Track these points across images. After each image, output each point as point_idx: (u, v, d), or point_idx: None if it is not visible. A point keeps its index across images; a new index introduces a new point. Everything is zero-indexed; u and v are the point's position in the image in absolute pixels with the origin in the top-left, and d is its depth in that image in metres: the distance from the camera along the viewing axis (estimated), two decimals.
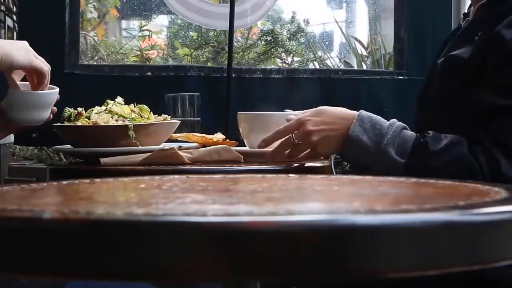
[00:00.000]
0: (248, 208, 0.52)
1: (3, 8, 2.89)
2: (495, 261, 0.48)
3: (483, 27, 1.17)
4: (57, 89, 1.26)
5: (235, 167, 1.28)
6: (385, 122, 1.16)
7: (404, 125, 1.16)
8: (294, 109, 1.36)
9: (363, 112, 1.18)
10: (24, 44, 1.20)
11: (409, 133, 1.14)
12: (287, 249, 0.41)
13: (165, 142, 1.45)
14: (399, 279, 0.46)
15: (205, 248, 0.41)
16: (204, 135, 1.50)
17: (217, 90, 2.12)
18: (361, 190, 0.70)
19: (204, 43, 2.89)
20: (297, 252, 0.42)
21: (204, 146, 1.44)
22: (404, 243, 0.43)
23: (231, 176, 0.85)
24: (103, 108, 1.42)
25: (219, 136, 1.50)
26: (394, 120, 1.17)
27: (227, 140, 1.46)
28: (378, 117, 1.18)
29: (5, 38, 2.90)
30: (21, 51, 1.17)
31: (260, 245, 0.41)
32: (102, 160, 1.30)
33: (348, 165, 2.54)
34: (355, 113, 1.18)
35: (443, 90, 1.24)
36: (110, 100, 1.44)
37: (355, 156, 1.18)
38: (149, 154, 1.30)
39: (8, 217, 0.47)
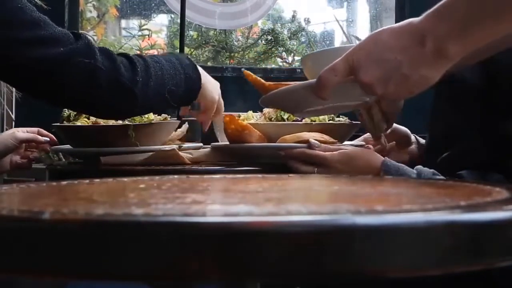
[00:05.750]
0: (248, 208, 0.52)
1: None
2: (496, 262, 0.48)
3: None
4: None
5: (235, 167, 1.28)
6: (412, 172, 1.15)
7: (433, 170, 1.15)
8: None
9: (386, 161, 1.19)
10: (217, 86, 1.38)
11: (440, 178, 1.12)
12: (287, 249, 0.41)
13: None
14: (399, 279, 0.46)
15: (205, 248, 0.41)
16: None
17: None
18: (362, 190, 0.70)
19: (204, 42, 2.89)
20: (297, 252, 0.41)
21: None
22: (405, 243, 0.43)
23: (231, 176, 0.85)
24: None
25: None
26: (420, 167, 1.17)
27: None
28: (403, 166, 1.18)
29: None
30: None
31: (260, 245, 0.41)
32: (103, 158, 1.30)
33: None
34: (378, 162, 1.19)
35: (449, 111, 1.23)
36: None
37: None
38: (150, 154, 1.30)
39: (7, 217, 0.47)
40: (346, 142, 1.39)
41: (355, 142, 1.44)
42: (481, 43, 0.77)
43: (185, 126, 1.53)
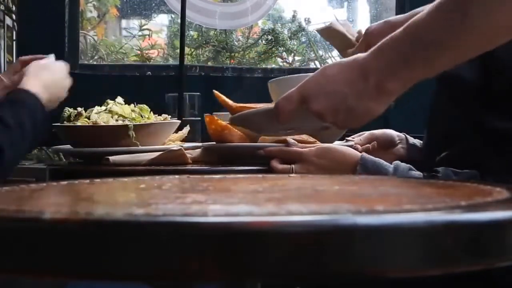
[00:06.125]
0: (248, 208, 0.52)
1: (2, 7, 2.89)
2: (497, 262, 0.48)
3: None
4: None
5: (235, 167, 1.28)
6: (389, 166, 1.16)
7: (410, 166, 1.16)
8: None
9: (364, 155, 1.20)
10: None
11: (416, 173, 1.14)
12: (287, 249, 0.41)
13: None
14: (399, 279, 0.46)
15: (205, 248, 0.41)
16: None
17: (218, 89, 2.11)
18: (362, 190, 0.70)
19: (204, 42, 2.89)
20: (297, 252, 0.41)
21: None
22: (406, 243, 0.43)
23: (231, 176, 0.85)
24: (103, 108, 1.42)
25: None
26: (398, 162, 1.18)
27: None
28: (380, 160, 1.19)
29: (4, 38, 2.90)
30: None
31: (260, 245, 0.41)
32: (111, 158, 1.31)
33: None
34: (356, 156, 1.20)
35: (448, 111, 1.23)
36: (110, 100, 1.44)
37: None
38: (158, 154, 1.31)
39: (7, 217, 0.47)
40: (336, 142, 1.39)
41: (342, 142, 1.44)
42: (417, 80, 0.81)
43: (187, 129, 1.53)
